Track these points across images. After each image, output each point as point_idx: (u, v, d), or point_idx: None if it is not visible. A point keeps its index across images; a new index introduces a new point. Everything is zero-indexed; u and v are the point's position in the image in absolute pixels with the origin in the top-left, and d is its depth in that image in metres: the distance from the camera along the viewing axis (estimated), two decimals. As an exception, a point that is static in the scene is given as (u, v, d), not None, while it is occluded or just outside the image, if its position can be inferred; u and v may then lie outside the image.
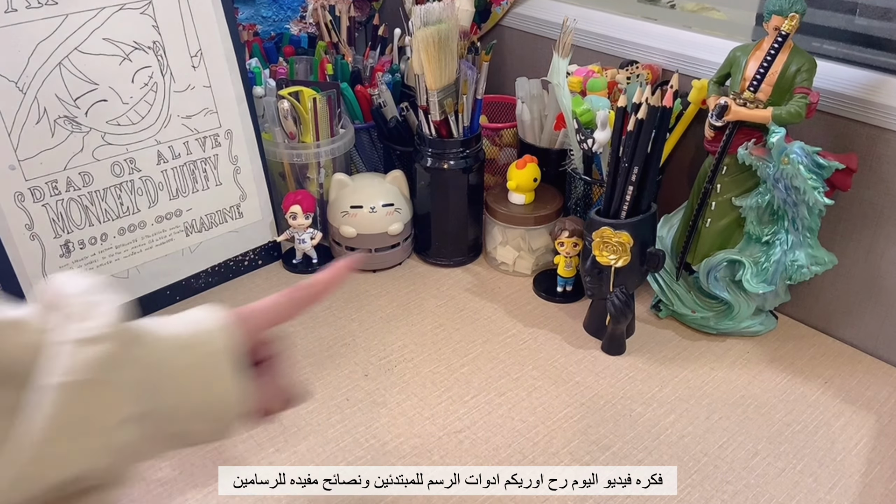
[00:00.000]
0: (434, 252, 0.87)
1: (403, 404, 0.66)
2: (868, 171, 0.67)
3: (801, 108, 0.63)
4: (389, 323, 0.77)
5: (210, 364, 0.37)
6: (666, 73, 0.80)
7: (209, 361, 0.37)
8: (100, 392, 0.32)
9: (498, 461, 0.60)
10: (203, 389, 0.37)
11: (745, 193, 0.69)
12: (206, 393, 0.37)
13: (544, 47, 0.93)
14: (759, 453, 0.61)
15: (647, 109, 0.64)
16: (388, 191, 0.84)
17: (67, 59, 0.67)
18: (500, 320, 0.77)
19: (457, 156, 0.81)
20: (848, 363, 0.71)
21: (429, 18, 0.74)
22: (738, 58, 0.67)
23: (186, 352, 0.37)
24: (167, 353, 0.36)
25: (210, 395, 0.37)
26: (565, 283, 0.80)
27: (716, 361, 0.71)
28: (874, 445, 0.62)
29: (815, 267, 0.68)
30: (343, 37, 1.00)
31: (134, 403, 0.33)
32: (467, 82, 0.78)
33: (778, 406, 0.66)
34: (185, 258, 0.80)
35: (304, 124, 0.82)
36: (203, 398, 0.37)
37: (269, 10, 1.05)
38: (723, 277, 0.72)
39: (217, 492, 0.57)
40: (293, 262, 0.86)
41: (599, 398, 0.66)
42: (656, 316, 0.78)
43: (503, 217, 0.82)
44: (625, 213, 0.68)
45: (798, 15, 0.61)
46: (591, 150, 0.75)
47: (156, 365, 0.35)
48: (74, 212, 0.71)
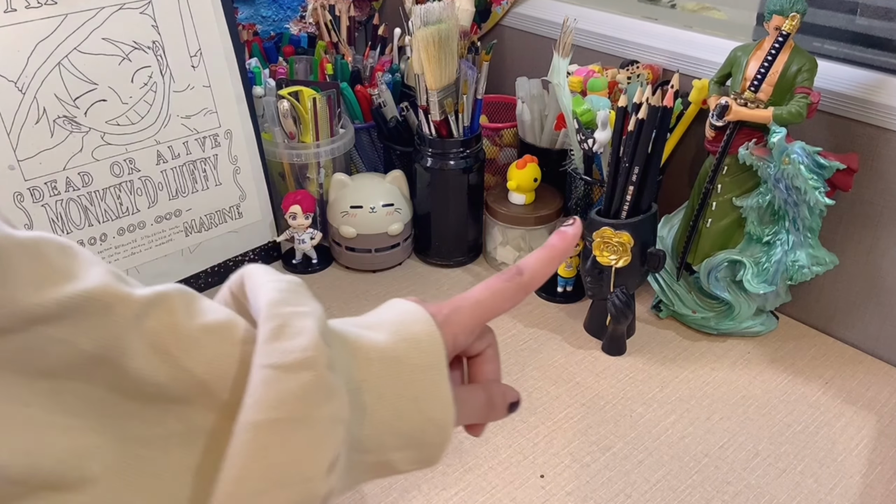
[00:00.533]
0: (434, 252, 0.87)
1: (403, 405, 0.65)
2: (869, 171, 0.67)
3: (801, 108, 0.63)
4: (389, 323, 0.76)
5: (424, 382, 0.31)
6: (666, 72, 0.80)
7: (422, 379, 0.31)
8: (304, 432, 0.26)
9: (498, 461, 0.60)
10: (416, 411, 0.31)
11: (746, 193, 0.69)
12: (418, 415, 0.31)
13: (544, 47, 0.93)
14: (760, 454, 0.61)
15: (647, 109, 0.63)
16: (388, 191, 0.84)
17: (67, 58, 0.67)
18: (500, 320, 0.77)
19: (457, 156, 0.81)
20: (849, 364, 0.71)
21: (429, 18, 0.74)
22: (738, 58, 0.67)
23: (395, 367, 0.30)
24: (374, 370, 0.30)
25: (423, 417, 0.31)
26: (565, 283, 0.80)
27: (716, 362, 0.71)
28: (875, 446, 0.62)
29: (815, 267, 0.68)
30: (343, 36, 1.00)
31: (341, 441, 0.27)
32: (467, 82, 0.78)
33: (779, 406, 0.66)
34: (184, 258, 0.80)
35: (304, 124, 0.82)
36: (415, 421, 0.31)
37: (269, 9, 1.05)
38: (723, 278, 0.72)
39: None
40: (293, 263, 0.86)
41: (600, 398, 0.66)
42: (657, 316, 0.78)
43: (503, 217, 0.82)
44: (625, 213, 0.68)
45: (799, 15, 0.61)
46: (591, 150, 0.75)
47: (362, 387, 0.29)
48: (74, 212, 0.71)
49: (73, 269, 0.26)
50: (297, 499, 0.26)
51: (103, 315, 0.25)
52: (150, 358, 0.26)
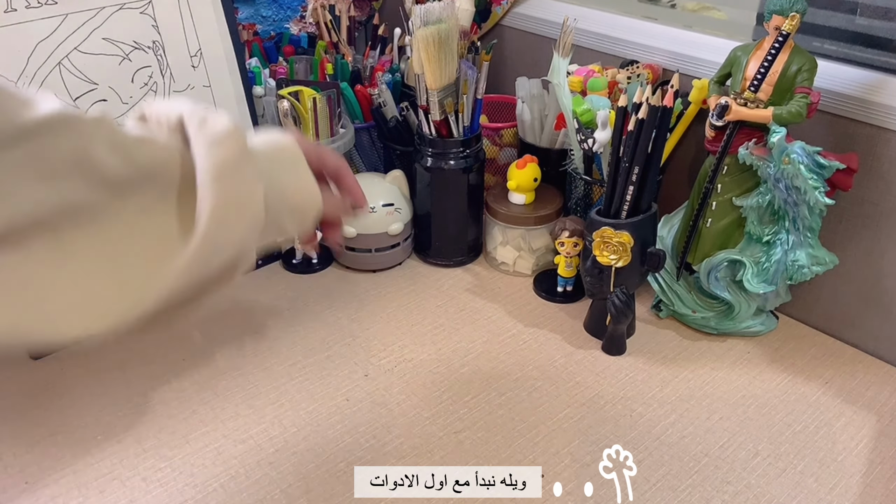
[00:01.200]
0: (434, 252, 0.87)
1: (403, 404, 0.66)
2: (869, 171, 0.67)
3: (801, 108, 0.63)
4: (389, 323, 0.77)
5: (297, 165, 0.45)
6: (666, 72, 0.80)
7: (296, 163, 0.45)
8: (243, 181, 0.40)
9: (498, 461, 0.60)
10: (296, 183, 0.45)
11: (746, 193, 0.69)
12: (298, 186, 0.45)
13: (544, 47, 0.93)
14: (760, 453, 0.61)
15: (647, 109, 0.63)
16: (388, 191, 0.84)
17: (67, 58, 0.67)
18: (500, 320, 0.77)
19: (457, 156, 0.81)
20: (849, 363, 0.71)
21: (429, 18, 0.74)
22: (738, 57, 0.67)
23: (279, 153, 0.45)
24: (267, 153, 0.44)
25: (300, 189, 0.45)
26: (565, 283, 0.80)
27: (716, 361, 0.71)
28: (875, 446, 0.62)
29: (815, 267, 0.68)
30: (343, 36, 1.00)
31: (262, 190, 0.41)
32: (467, 82, 0.78)
33: (779, 406, 0.66)
34: (184, 258, 0.80)
35: (304, 124, 0.82)
36: (296, 190, 0.45)
37: (269, 9, 1.05)
38: (723, 277, 0.72)
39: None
40: (293, 262, 0.86)
41: (600, 398, 0.66)
42: (657, 316, 0.78)
43: (503, 217, 0.82)
44: (625, 213, 0.68)
45: (799, 14, 0.61)
46: (591, 149, 0.75)
47: (265, 160, 0.43)
48: (74, 211, 0.71)
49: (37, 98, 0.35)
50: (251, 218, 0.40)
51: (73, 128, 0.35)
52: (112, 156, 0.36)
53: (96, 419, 0.64)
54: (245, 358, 0.71)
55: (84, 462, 0.59)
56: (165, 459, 0.60)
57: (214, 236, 0.38)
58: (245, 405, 0.65)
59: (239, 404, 0.65)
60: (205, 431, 0.63)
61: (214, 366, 0.70)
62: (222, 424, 0.63)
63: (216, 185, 0.38)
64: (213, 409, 0.65)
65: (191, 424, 0.63)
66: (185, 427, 0.63)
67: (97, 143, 0.36)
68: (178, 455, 0.60)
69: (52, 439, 0.62)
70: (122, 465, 0.59)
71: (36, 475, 0.58)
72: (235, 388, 0.67)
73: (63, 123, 0.35)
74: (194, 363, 0.71)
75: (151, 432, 0.62)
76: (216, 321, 0.77)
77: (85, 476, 0.58)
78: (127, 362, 0.71)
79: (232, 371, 0.70)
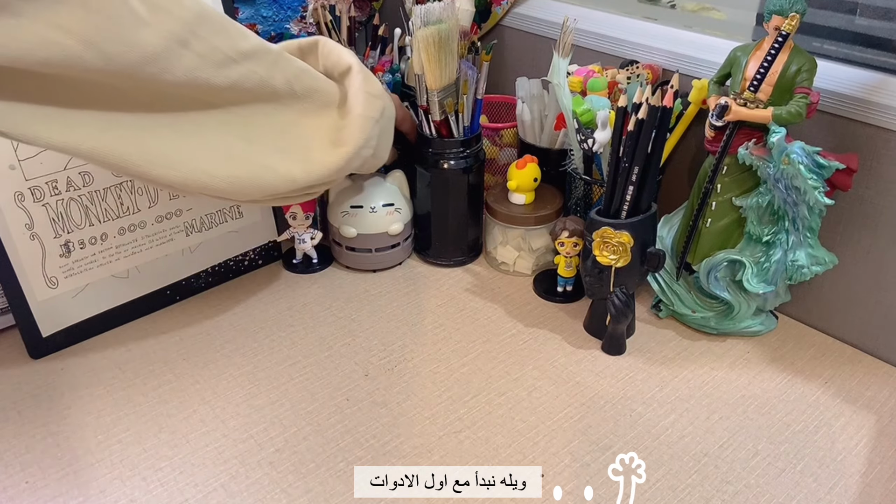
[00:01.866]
0: (434, 252, 0.87)
1: (403, 404, 0.66)
2: (868, 171, 0.67)
3: (801, 108, 0.63)
4: (389, 323, 0.77)
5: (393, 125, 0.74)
6: (666, 73, 0.80)
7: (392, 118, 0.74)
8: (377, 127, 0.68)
9: (498, 461, 0.60)
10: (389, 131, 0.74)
11: (746, 193, 0.69)
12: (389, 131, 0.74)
13: (544, 47, 0.93)
14: (760, 453, 0.61)
15: (647, 109, 0.63)
16: (388, 191, 0.84)
17: (68, 58, 0.68)
18: (500, 320, 0.77)
19: (457, 156, 0.81)
20: (848, 363, 0.71)
21: (429, 18, 0.74)
22: (738, 58, 0.67)
23: (392, 111, 0.73)
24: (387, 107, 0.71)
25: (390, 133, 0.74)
26: (565, 283, 0.80)
27: (716, 361, 0.71)
28: (874, 446, 0.62)
29: (815, 267, 0.68)
30: (343, 36, 1.00)
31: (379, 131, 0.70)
32: (467, 82, 0.78)
33: (778, 406, 0.66)
34: (185, 258, 0.80)
35: (305, 124, 0.83)
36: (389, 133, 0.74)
37: (270, 9, 1.05)
38: (723, 277, 0.72)
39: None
40: (293, 262, 0.86)
41: (599, 398, 0.66)
42: (656, 316, 0.78)
43: (503, 217, 0.82)
44: (625, 213, 0.68)
45: (798, 15, 0.61)
46: (591, 150, 0.75)
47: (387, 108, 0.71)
48: (74, 212, 0.71)
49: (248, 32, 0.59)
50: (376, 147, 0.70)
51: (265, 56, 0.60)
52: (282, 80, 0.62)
53: (96, 419, 0.64)
54: (245, 358, 0.71)
55: (84, 462, 0.60)
56: (165, 459, 0.60)
57: (355, 151, 0.66)
58: (245, 405, 0.65)
59: (239, 404, 0.66)
60: (205, 431, 0.63)
61: (214, 366, 0.70)
62: (222, 424, 0.63)
63: (364, 122, 0.66)
64: (213, 409, 0.65)
65: (191, 424, 0.63)
66: (185, 427, 0.63)
67: (275, 72, 0.61)
68: (178, 455, 0.60)
69: (52, 439, 0.62)
70: (122, 465, 0.59)
71: (36, 475, 0.58)
72: (235, 388, 0.67)
73: (262, 53, 0.59)
74: (194, 363, 0.71)
75: (151, 432, 0.62)
76: (216, 321, 0.77)
77: (85, 476, 0.58)
78: (127, 362, 0.71)
79: (232, 371, 0.70)
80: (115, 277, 0.75)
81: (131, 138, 0.54)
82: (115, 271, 0.75)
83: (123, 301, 0.76)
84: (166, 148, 0.56)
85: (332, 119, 0.67)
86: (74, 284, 0.72)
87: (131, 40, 0.49)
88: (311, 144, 0.65)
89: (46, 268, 0.70)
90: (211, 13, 0.55)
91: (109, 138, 0.53)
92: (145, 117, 0.55)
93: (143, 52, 0.50)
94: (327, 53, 0.68)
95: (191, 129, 0.58)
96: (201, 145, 0.58)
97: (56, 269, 0.71)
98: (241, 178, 0.60)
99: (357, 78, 0.67)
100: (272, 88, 0.61)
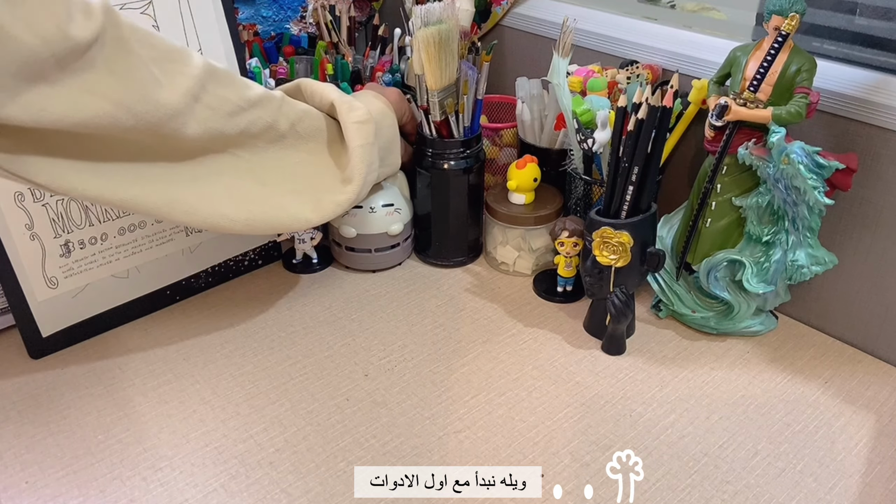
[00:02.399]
0: (434, 252, 0.87)
1: (403, 404, 0.66)
2: (868, 171, 0.67)
3: (801, 108, 0.63)
4: (389, 323, 0.77)
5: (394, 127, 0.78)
6: (666, 73, 0.80)
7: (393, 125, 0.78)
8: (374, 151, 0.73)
9: (498, 461, 0.60)
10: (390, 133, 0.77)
11: (746, 193, 0.69)
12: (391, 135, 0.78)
13: (544, 47, 0.93)
14: (760, 453, 0.61)
15: (647, 109, 0.64)
16: (388, 191, 0.84)
17: (68, 59, 0.68)
18: (500, 320, 0.77)
19: (457, 156, 0.81)
20: (848, 363, 0.71)
21: (429, 18, 0.74)
22: (738, 58, 0.67)
23: (384, 119, 0.76)
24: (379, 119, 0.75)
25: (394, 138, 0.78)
26: (565, 283, 0.80)
27: (716, 361, 0.71)
28: (874, 445, 0.62)
29: (815, 267, 0.68)
30: (343, 37, 1.00)
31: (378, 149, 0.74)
32: (468, 82, 0.78)
33: (778, 406, 0.66)
34: (185, 258, 0.80)
35: (305, 124, 0.83)
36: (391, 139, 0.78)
37: (270, 9, 1.05)
38: (723, 277, 0.72)
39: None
40: (293, 262, 0.86)
41: (599, 398, 0.66)
42: (656, 316, 0.78)
43: (503, 217, 0.82)
44: (625, 213, 0.68)
45: (798, 15, 0.61)
46: (591, 150, 0.75)
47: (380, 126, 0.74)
48: (74, 212, 0.71)
49: (252, 83, 0.64)
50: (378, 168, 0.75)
51: (269, 104, 0.65)
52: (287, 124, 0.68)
53: (96, 419, 0.64)
54: (245, 358, 0.72)
55: (84, 462, 0.60)
56: (165, 459, 0.60)
57: (362, 184, 0.71)
58: (245, 405, 0.65)
59: (239, 404, 0.66)
60: (205, 431, 0.63)
61: (214, 366, 0.70)
62: (222, 424, 0.63)
63: (363, 152, 0.71)
64: (213, 409, 0.65)
65: (191, 424, 0.63)
66: (185, 427, 0.63)
67: (280, 117, 0.66)
68: (178, 455, 0.60)
69: (53, 439, 0.62)
70: (122, 464, 0.59)
71: (36, 475, 0.58)
72: (235, 388, 0.67)
73: (267, 100, 0.65)
74: (194, 363, 0.71)
75: (151, 432, 0.62)
76: (216, 321, 0.77)
77: (85, 476, 0.58)
78: (127, 362, 0.71)
79: (232, 371, 0.70)
80: (115, 277, 0.75)
81: (156, 189, 0.59)
82: (115, 271, 0.75)
83: (123, 301, 0.76)
84: (187, 195, 0.61)
85: (338, 153, 0.72)
86: (74, 284, 0.72)
87: (155, 99, 0.54)
88: (322, 184, 0.70)
89: (46, 268, 0.70)
90: (217, 68, 0.60)
91: (137, 190, 0.58)
92: (167, 167, 0.60)
93: (165, 109, 0.55)
94: (311, 94, 0.72)
95: (208, 177, 0.63)
96: (218, 191, 0.63)
97: (56, 270, 0.71)
98: (257, 219, 0.65)
99: (342, 110, 0.70)
100: (278, 132, 0.67)
